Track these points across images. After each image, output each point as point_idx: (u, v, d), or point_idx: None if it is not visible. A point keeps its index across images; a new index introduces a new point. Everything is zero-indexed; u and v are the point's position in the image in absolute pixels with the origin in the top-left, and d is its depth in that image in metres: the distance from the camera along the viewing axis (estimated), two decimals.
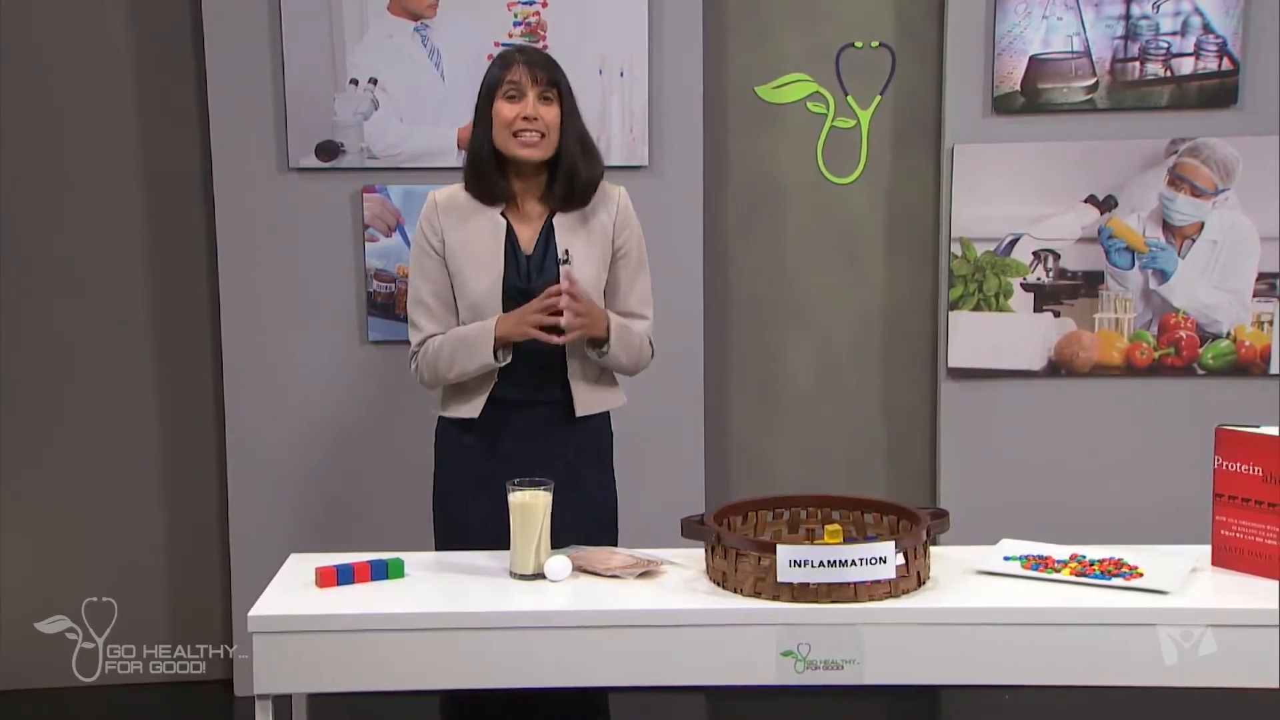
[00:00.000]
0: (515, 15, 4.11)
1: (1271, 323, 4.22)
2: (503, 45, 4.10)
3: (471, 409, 3.12)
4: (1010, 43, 4.14)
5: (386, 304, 4.19)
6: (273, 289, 4.21)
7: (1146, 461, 4.26)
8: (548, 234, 3.12)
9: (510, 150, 3.06)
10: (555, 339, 2.96)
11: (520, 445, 3.12)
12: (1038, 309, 4.26)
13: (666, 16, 4.16)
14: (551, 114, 3.05)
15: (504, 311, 3.06)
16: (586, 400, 3.15)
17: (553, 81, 3.06)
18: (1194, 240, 4.20)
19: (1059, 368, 4.27)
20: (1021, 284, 4.24)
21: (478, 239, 3.10)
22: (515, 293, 3.07)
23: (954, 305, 4.26)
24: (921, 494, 4.43)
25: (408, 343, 3.34)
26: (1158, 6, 4.12)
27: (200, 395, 4.39)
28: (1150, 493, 4.20)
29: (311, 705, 2.84)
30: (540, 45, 4.07)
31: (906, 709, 4.39)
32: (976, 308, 4.25)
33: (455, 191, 3.17)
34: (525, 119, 3.02)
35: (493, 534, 2.91)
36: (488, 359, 3.02)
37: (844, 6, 4.34)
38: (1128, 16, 4.13)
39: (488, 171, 3.10)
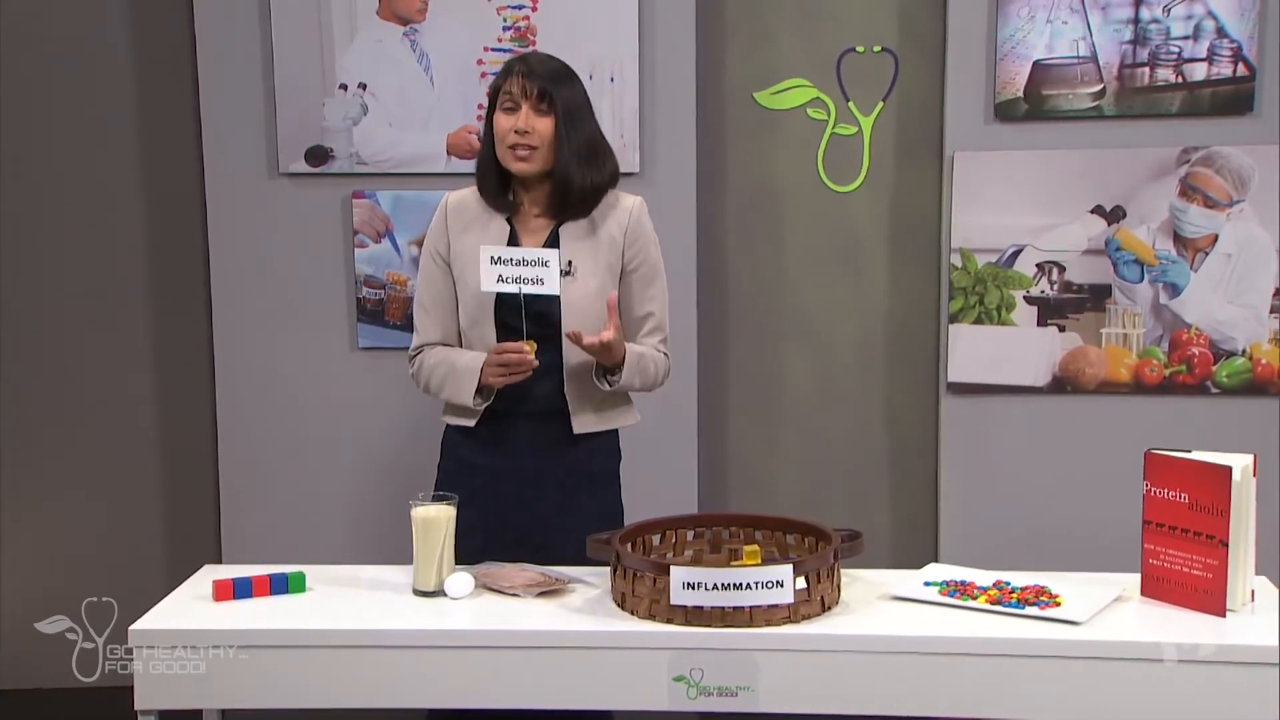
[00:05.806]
0: (505, 20, 4.06)
1: None
2: (492, 50, 4.07)
3: (468, 419, 3.08)
4: (1013, 47, 4.00)
5: (376, 310, 4.16)
6: (263, 294, 4.20)
7: None
8: (551, 244, 3.06)
9: (506, 163, 3.02)
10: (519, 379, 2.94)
11: (516, 461, 3.06)
12: (1041, 323, 4.09)
13: (658, 21, 4.08)
14: (545, 125, 2.99)
15: (495, 320, 3.02)
16: (586, 418, 3.08)
17: (544, 93, 2.99)
18: (1207, 253, 4.02)
19: (1064, 384, 4.11)
20: (1025, 297, 4.08)
21: (479, 245, 3.05)
22: (510, 300, 3.00)
23: (954, 318, 4.11)
24: (924, 510, 4.31)
25: (397, 349, 3.37)
26: (1169, 10, 3.95)
27: (194, 398, 4.41)
28: None
29: None
30: (530, 49, 4.03)
31: None
32: (977, 320, 4.10)
33: (468, 195, 3.15)
34: (517, 133, 2.98)
35: (476, 546, 2.85)
36: (468, 400, 3.00)
37: (845, 10, 4.22)
38: (1136, 20, 3.96)
39: (491, 181, 3.08)
